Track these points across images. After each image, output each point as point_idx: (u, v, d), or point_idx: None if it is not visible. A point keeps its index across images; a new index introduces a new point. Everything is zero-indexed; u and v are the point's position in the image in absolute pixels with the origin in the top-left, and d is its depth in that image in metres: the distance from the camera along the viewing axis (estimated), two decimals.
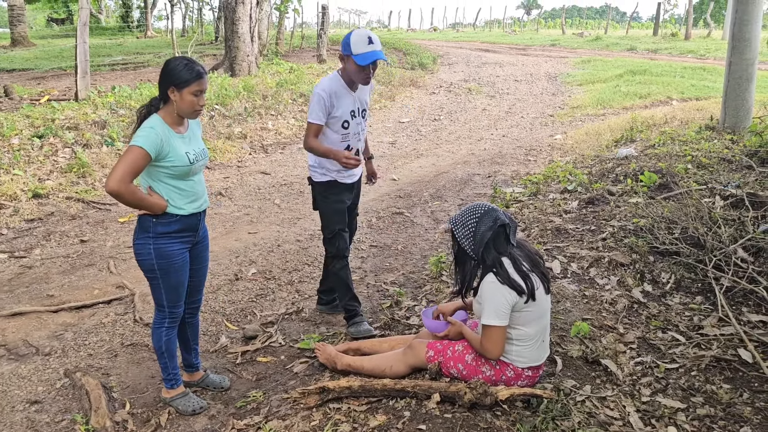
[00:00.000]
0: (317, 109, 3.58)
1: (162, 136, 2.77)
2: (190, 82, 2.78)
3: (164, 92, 2.82)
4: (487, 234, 2.82)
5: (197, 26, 30.97)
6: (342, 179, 3.79)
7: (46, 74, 14.88)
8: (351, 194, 3.91)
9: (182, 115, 2.87)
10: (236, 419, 3.02)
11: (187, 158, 2.86)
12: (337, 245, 3.84)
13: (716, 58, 18.83)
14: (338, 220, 3.83)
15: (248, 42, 13.68)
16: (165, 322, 3.04)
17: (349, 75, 3.60)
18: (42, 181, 6.87)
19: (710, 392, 2.92)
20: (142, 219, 2.89)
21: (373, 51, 3.48)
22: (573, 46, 26.16)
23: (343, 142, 3.71)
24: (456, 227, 2.92)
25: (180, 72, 2.77)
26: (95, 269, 5.04)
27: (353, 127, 3.72)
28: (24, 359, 3.69)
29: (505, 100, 14.16)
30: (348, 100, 3.66)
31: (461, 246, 2.91)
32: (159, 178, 2.85)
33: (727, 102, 7.96)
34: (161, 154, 2.77)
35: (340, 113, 3.63)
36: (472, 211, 2.90)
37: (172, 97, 2.80)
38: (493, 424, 2.66)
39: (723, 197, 5.13)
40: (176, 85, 2.77)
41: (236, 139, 9.50)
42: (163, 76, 2.80)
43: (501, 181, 7.56)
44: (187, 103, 2.81)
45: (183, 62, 2.80)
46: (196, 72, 2.79)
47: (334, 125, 3.66)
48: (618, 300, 3.89)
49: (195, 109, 2.85)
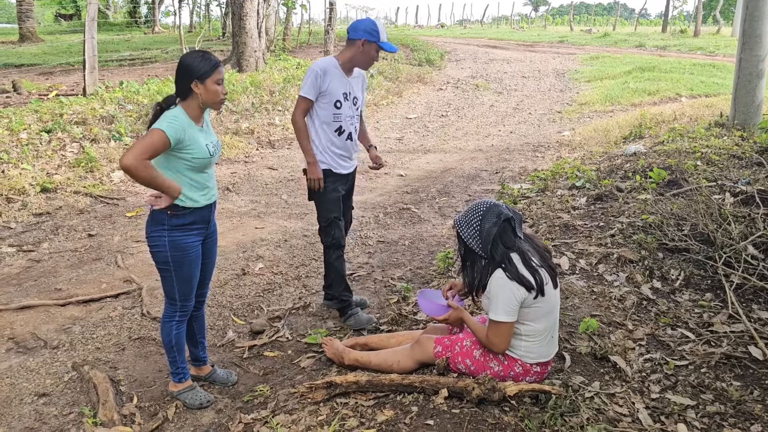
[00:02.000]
0: (309, 84, 3.71)
1: (185, 126, 2.80)
2: (211, 72, 2.82)
3: (185, 88, 2.84)
4: (492, 230, 2.80)
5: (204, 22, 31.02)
6: (337, 169, 3.86)
7: (54, 69, 14.93)
8: (345, 185, 3.98)
9: (207, 106, 2.91)
10: (243, 413, 3.02)
11: (207, 150, 2.89)
12: (333, 233, 3.91)
13: (725, 55, 18.70)
14: (333, 208, 3.90)
15: (255, 38, 13.67)
16: (176, 315, 3.05)
17: (357, 59, 3.77)
18: (50, 175, 6.89)
19: (720, 389, 2.90)
20: (155, 211, 2.90)
21: (391, 43, 3.76)
22: (581, 43, 26.03)
23: (335, 122, 3.80)
24: (461, 228, 2.90)
25: (199, 64, 2.81)
26: (103, 263, 5.05)
27: (345, 109, 3.82)
28: (32, 352, 3.70)
29: (512, 97, 14.11)
30: (341, 82, 3.79)
31: (468, 246, 2.89)
32: (179, 169, 2.86)
33: (737, 98, 7.90)
34: (181, 144, 2.79)
35: (331, 90, 3.74)
36: (475, 209, 2.88)
37: (196, 90, 2.83)
38: (501, 419, 2.65)
39: (733, 194, 5.09)
40: (198, 78, 2.81)
41: (243, 135, 9.51)
42: (182, 72, 2.83)
43: (508, 177, 7.54)
44: (212, 92, 2.85)
45: (199, 55, 2.85)
46: (214, 61, 2.85)
47: (327, 103, 3.75)
48: (627, 296, 3.86)
49: (220, 98, 2.90)
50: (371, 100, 13.10)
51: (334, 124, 3.80)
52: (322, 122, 3.78)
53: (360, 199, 6.84)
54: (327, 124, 3.78)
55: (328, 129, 3.80)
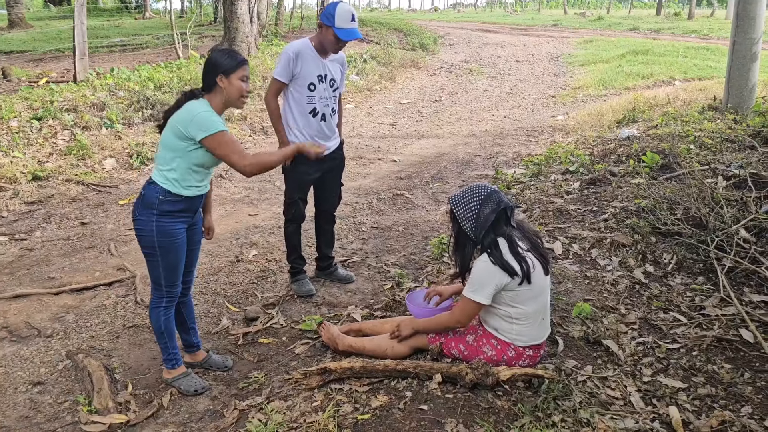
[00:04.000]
0: (282, 66, 3.80)
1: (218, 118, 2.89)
2: (237, 68, 2.90)
3: (211, 82, 2.91)
4: (490, 217, 2.81)
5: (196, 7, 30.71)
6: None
7: (44, 56, 14.76)
8: (320, 166, 4.05)
9: (230, 103, 2.97)
10: (238, 400, 3.03)
11: None
12: (293, 212, 4.13)
13: (719, 38, 18.67)
14: (299, 189, 4.07)
15: (247, 23, 13.54)
16: (162, 301, 3.05)
17: (323, 43, 3.83)
18: (41, 163, 6.84)
19: (711, 372, 2.93)
20: (148, 194, 2.89)
21: (353, 29, 3.76)
22: (575, 26, 25.94)
23: (309, 104, 3.89)
24: (457, 208, 2.90)
25: (226, 60, 2.90)
26: (96, 251, 5.03)
27: (320, 91, 3.89)
28: (26, 341, 3.70)
29: (506, 81, 14.07)
30: (315, 64, 3.85)
31: (462, 227, 2.89)
32: (191, 159, 2.87)
33: (731, 82, 7.89)
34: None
35: (305, 73, 3.81)
36: (475, 192, 2.88)
37: (222, 84, 2.89)
38: (495, 404, 2.67)
39: (726, 178, 5.10)
40: (224, 72, 2.88)
41: (236, 121, 9.46)
42: (210, 66, 2.91)
43: (502, 162, 7.53)
44: (236, 88, 2.92)
45: (226, 51, 2.96)
46: (241, 58, 2.94)
47: (301, 86, 3.85)
48: (620, 281, 3.88)
49: (242, 95, 2.96)
50: (365, 86, 13.03)
51: (308, 106, 3.89)
52: (296, 104, 3.89)
53: (354, 185, 6.83)
54: (301, 105, 3.89)
55: (302, 111, 3.90)
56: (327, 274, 4.45)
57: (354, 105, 11.62)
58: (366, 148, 8.66)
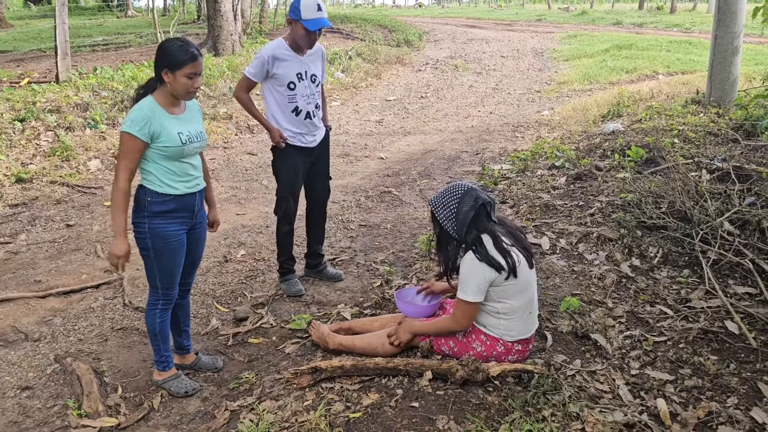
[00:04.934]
0: (254, 66, 3.84)
1: (150, 117, 2.77)
2: (184, 65, 2.77)
3: (159, 74, 2.81)
4: (469, 214, 2.83)
5: (179, 5, 30.47)
6: (299, 143, 3.99)
7: (25, 56, 14.60)
8: (310, 158, 4.09)
9: (177, 96, 2.87)
10: (229, 401, 3.03)
11: (179, 138, 2.84)
12: (285, 208, 4.11)
13: (701, 32, 18.84)
14: (289, 184, 4.07)
15: (231, 20, 13.48)
16: (159, 303, 3.03)
17: (295, 39, 3.82)
18: (25, 165, 6.77)
19: (698, 364, 2.96)
20: (138, 197, 2.88)
21: (321, 18, 3.72)
22: (559, 21, 26.05)
23: (291, 103, 3.91)
24: (437, 209, 2.93)
25: (174, 54, 2.76)
26: (82, 254, 4.99)
27: (301, 89, 3.90)
28: (13, 345, 3.67)
29: (491, 77, 14.11)
30: (293, 63, 3.85)
31: (444, 228, 2.92)
32: (152, 158, 2.83)
33: (713, 75, 7.97)
34: (153, 135, 2.76)
35: (282, 73, 3.82)
36: (452, 192, 2.90)
37: (166, 79, 2.80)
38: (486, 400, 2.69)
39: (709, 171, 5.16)
40: (169, 67, 2.77)
41: (222, 120, 9.41)
42: (158, 57, 2.80)
43: (489, 158, 7.56)
44: (181, 84, 2.81)
45: (178, 44, 2.80)
46: (191, 54, 2.78)
47: (281, 86, 3.87)
48: (606, 275, 3.92)
49: (189, 91, 2.85)
50: (350, 83, 13.02)
51: (290, 105, 3.91)
52: (278, 104, 3.92)
53: (341, 182, 6.82)
54: (283, 105, 3.91)
55: (286, 110, 3.92)
56: (316, 273, 4.46)
57: (340, 102, 11.60)
58: (353, 145, 8.66)
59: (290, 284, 4.25)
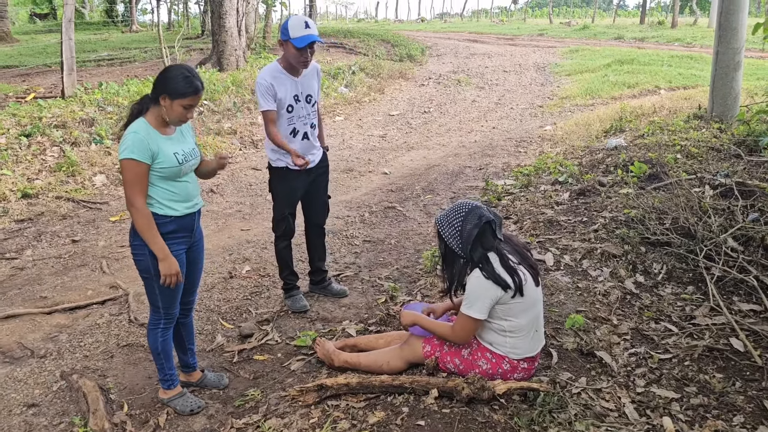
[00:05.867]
0: (264, 97, 3.83)
1: (147, 139, 2.78)
2: (185, 96, 2.79)
3: (155, 96, 2.82)
4: (473, 232, 2.85)
5: (183, 20, 30.70)
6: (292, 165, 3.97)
7: (30, 71, 14.71)
8: (308, 178, 4.12)
9: (168, 121, 2.89)
10: (235, 418, 3.03)
11: (176, 159, 2.87)
12: (284, 228, 4.18)
13: (703, 46, 18.92)
14: (288, 204, 4.13)
15: (236, 36, 13.58)
16: (161, 323, 3.04)
17: (289, 60, 3.84)
18: (31, 180, 6.82)
19: (703, 382, 2.96)
20: None
21: (309, 34, 3.72)
22: (560, 36, 26.18)
23: (289, 125, 3.94)
24: (442, 228, 2.96)
25: (178, 83, 2.77)
26: (88, 269, 5.01)
27: (298, 110, 3.94)
28: (19, 362, 3.68)
29: (494, 92, 14.17)
30: (289, 86, 3.88)
31: (449, 246, 2.94)
32: (150, 180, 2.84)
33: (715, 91, 8.01)
34: (153, 156, 2.78)
35: (281, 96, 3.84)
36: (457, 210, 2.94)
37: (163, 104, 2.82)
38: (491, 418, 2.69)
39: (712, 187, 5.18)
40: (169, 94, 2.78)
41: (226, 135, 9.46)
42: (160, 81, 2.81)
43: (492, 173, 7.58)
44: (176, 113, 2.83)
45: (184, 74, 2.79)
46: (194, 87, 2.79)
47: (279, 108, 3.88)
48: (611, 291, 3.92)
49: (181, 120, 2.88)
50: (353, 98, 13.09)
51: (289, 127, 3.95)
52: (278, 126, 3.92)
53: (345, 198, 6.85)
54: (283, 127, 3.94)
55: (284, 132, 3.94)
56: (321, 289, 4.47)
57: (343, 117, 11.66)
58: (356, 160, 8.70)
59: (294, 300, 4.26)
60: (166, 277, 2.85)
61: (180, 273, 2.90)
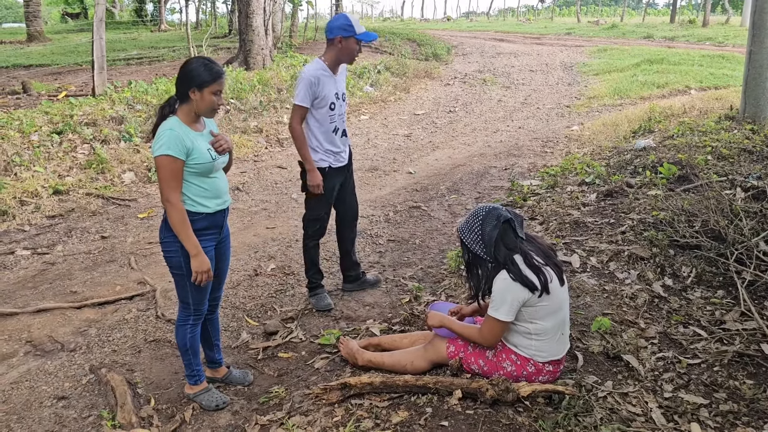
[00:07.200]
0: (304, 92, 3.83)
1: (182, 136, 2.82)
2: (211, 83, 2.85)
3: (183, 93, 2.88)
4: (494, 233, 2.84)
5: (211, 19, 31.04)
6: (335, 165, 4.06)
7: (62, 70, 15.00)
8: (343, 176, 4.16)
9: (201, 114, 2.94)
10: (259, 415, 3.06)
11: (210, 155, 2.91)
12: (317, 227, 4.20)
13: (735, 45, 18.56)
14: (326, 203, 4.15)
15: (262, 35, 13.69)
16: (190, 319, 3.08)
17: (340, 57, 3.90)
18: (62, 177, 6.95)
19: (733, 388, 2.91)
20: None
21: (368, 31, 3.91)
22: (588, 35, 25.89)
23: (331, 123, 3.96)
24: (464, 235, 2.96)
25: (200, 73, 2.83)
26: (116, 265, 5.10)
27: (338, 108, 3.99)
28: (50, 355, 3.76)
29: (520, 91, 14.07)
30: (331, 84, 3.92)
31: (473, 251, 2.93)
32: (184, 177, 2.88)
33: (748, 91, 7.85)
34: (188, 152, 2.82)
35: (325, 95, 3.88)
36: (475, 215, 2.95)
37: (193, 97, 2.86)
38: (515, 420, 2.67)
39: (744, 189, 5.07)
40: (197, 86, 2.83)
41: (252, 134, 9.54)
42: (183, 77, 2.86)
43: (518, 173, 7.53)
44: (207, 102, 2.88)
45: (202, 63, 2.86)
46: (216, 72, 2.86)
47: (323, 107, 3.90)
48: (638, 294, 3.87)
49: (214, 108, 2.92)
50: (379, 97, 13.10)
51: (331, 125, 3.97)
52: (319, 125, 3.94)
53: (370, 197, 6.86)
54: (324, 126, 3.95)
55: (326, 131, 3.96)
56: (358, 285, 4.49)
57: (369, 116, 11.67)
58: (381, 159, 8.70)
59: (319, 299, 4.28)
60: (197, 274, 2.89)
61: (211, 270, 2.93)
